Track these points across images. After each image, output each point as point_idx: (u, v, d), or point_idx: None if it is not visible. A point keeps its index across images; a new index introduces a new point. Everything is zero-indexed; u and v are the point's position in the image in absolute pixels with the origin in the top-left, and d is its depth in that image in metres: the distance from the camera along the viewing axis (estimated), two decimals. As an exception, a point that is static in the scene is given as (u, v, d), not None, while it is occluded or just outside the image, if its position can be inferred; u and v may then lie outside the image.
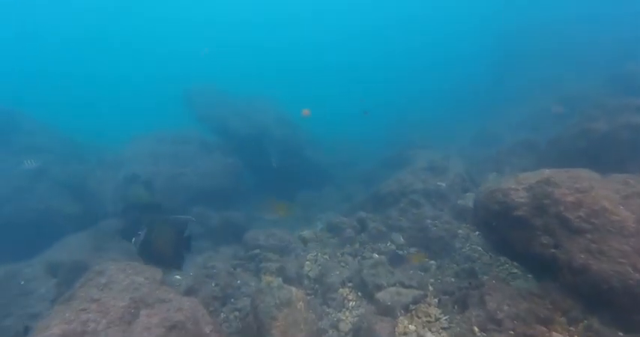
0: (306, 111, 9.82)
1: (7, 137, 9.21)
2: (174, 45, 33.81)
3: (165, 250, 5.33)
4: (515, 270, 5.45)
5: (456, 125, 14.18)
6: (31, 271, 6.17)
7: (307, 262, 7.58)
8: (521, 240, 4.11)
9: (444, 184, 7.79)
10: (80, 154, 10.37)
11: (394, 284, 5.91)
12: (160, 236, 5.33)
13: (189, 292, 6.27)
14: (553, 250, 3.78)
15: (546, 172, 4.35)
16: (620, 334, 3.18)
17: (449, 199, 7.79)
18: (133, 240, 5.43)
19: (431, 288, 5.82)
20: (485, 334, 4.09)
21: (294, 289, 5.69)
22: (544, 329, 3.24)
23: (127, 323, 3.91)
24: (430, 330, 4.69)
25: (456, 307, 4.92)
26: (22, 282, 7.11)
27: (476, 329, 4.22)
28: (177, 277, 7.34)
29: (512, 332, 3.76)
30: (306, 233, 8.70)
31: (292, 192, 14.21)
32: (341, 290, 6.46)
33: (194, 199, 10.95)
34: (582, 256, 3.52)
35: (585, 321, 3.49)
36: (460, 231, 7.02)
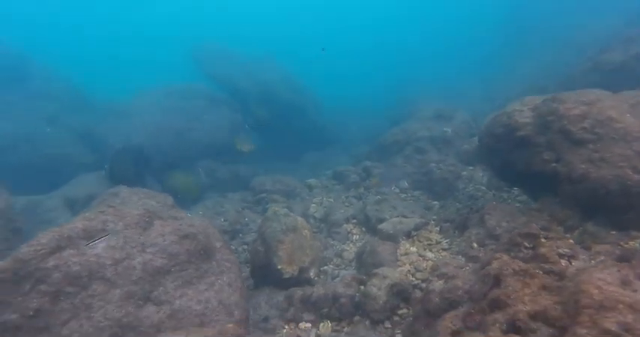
0: None
1: (21, 81, 9.35)
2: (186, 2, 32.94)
3: (125, 171, 7.26)
4: (518, 204, 5.58)
5: (465, 84, 13.87)
6: (51, 203, 6.51)
7: (313, 205, 7.80)
8: (524, 158, 4.16)
9: (449, 130, 7.79)
10: (90, 104, 10.51)
11: (397, 217, 6.10)
12: (120, 162, 7.41)
13: (199, 224, 6.55)
14: (554, 164, 3.84)
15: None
16: (613, 232, 3.29)
17: (454, 144, 7.81)
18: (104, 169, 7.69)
19: (432, 223, 6.00)
20: (482, 248, 4.27)
21: (299, 218, 5.92)
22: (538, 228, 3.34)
23: (142, 229, 4.16)
24: (431, 251, 4.89)
25: (456, 232, 5.08)
26: None
27: (475, 245, 4.39)
28: (187, 215, 7.66)
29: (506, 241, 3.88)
30: (312, 180, 8.89)
31: (299, 151, 14.34)
32: (345, 225, 6.69)
33: (202, 153, 11.13)
34: (583, 166, 3.57)
35: (581, 228, 3.60)
36: (464, 173, 7.11)
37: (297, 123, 14.83)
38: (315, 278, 5.52)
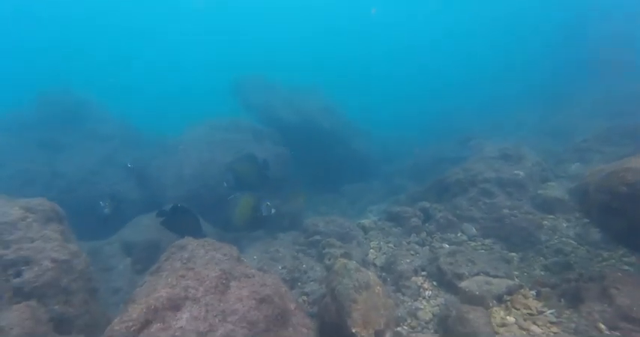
0: None
1: (81, 124, 9.72)
2: (226, 36, 34.93)
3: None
4: (627, 267, 4.85)
5: (515, 115, 13.25)
6: (110, 249, 6.37)
7: (371, 250, 7.29)
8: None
9: (521, 173, 7.19)
10: (142, 141, 10.75)
11: (478, 274, 5.48)
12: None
13: (259, 273, 6.17)
14: None
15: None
16: None
17: (527, 189, 7.17)
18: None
19: (517, 281, 5.34)
20: (618, 333, 3.58)
21: (370, 273, 5.42)
22: None
23: (220, 293, 3.81)
24: (535, 324, 4.22)
25: (562, 300, 4.41)
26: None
27: (602, 326, 3.71)
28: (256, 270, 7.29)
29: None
30: (366, 221, 8.40)
31: (338, 183, 14.01)
32: (414, 278, 6.10)
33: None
34: None
35: None
36: (545, 222, 6.43)
37: (337, 154, 14.61)
38: (391, 343, 4.93)
